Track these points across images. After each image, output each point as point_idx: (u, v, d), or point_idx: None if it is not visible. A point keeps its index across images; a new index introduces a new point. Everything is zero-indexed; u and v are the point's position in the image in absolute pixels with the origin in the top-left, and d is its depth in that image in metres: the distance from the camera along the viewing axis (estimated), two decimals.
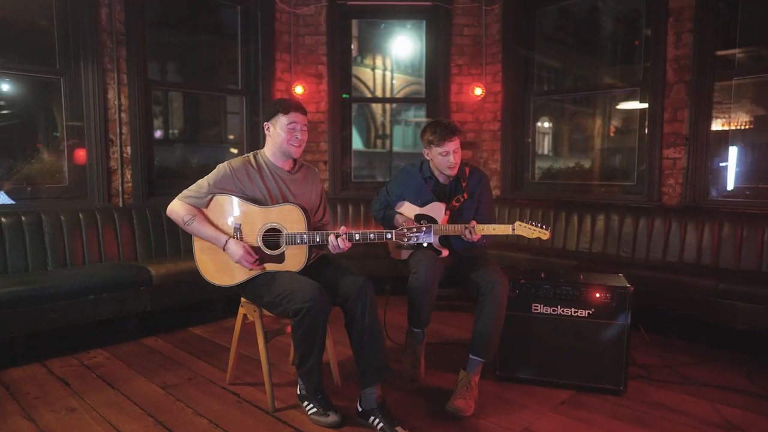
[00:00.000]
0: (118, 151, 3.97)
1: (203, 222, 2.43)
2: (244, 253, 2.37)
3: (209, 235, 2.42)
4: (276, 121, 2.45)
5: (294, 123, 2.44)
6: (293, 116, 2.44)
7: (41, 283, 3.07)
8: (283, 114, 2.43)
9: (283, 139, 2.44)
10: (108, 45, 3.87)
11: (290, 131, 2.44)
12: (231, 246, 2.39)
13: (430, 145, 2.81)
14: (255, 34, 4.84)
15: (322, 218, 2.72)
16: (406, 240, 2.34)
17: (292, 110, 2.44)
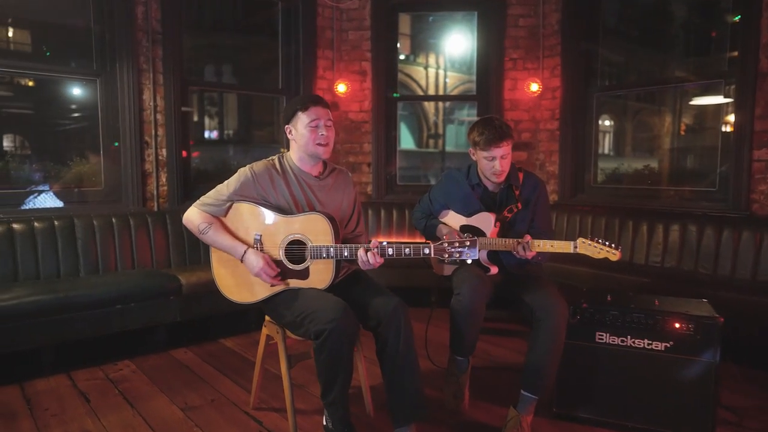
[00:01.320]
0: (153, 154, 3.85)
1: (220, 231, 2.20)
2: (264, 265, 2.12)
3: (226, 245, 2.18)
4: (296, 120, 2.19)
5: (316, 119, 2.16)
6: (314, 111, 2.16)
7: (66, 291, 2.95)
8: (302, 111, 2.17)
9: (308, 139, 2.17)
10: (144, 44, 3.76)
11: (313, 129, 2.17)
12: (250, 257, 2.14)
13: (476, 147, 2.47)
14: (296, 30, 4.63)
15: (354, 229, 2.43)
16: (447, 256, 2.02)
17: (311, 104, 2.16)
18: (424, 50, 10.11)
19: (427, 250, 2.03)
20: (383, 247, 2.07)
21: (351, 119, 4.88)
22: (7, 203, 3.40)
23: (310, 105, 2.16)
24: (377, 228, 4.71)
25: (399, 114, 10.70)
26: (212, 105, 6.12)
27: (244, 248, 2.16)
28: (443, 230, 2.62)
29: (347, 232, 2.40)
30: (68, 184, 3.75)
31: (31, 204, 3.51)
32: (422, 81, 10.36)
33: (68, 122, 3.99)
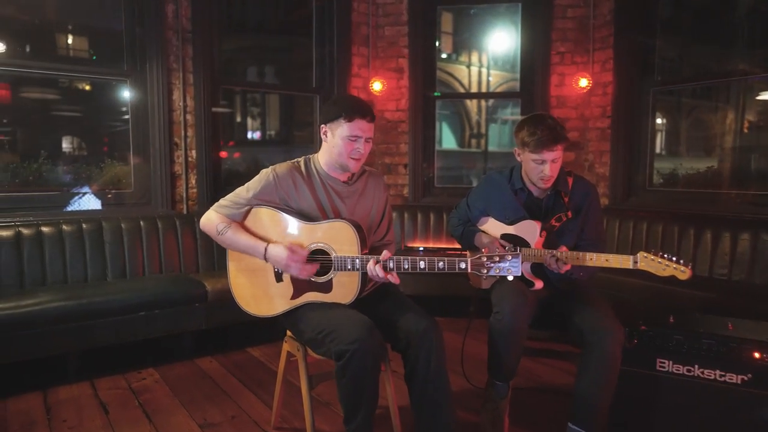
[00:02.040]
0: (182, 155, 3.76)
1: (239, 230, 2.03)
2: (290, 254, 1.92)
3: (246, 244, 2.01)
4: (336, 126, 1.99)
5: (357, 135, 1.96)
6: (358, 125, 1.96)
7: (89, 298, 2.87)
8: (346, 120, 1.96)
9: (342, 150, 1.98)
10: (174, 43, 3.67)
11: (351, 143, 1.97)
12: (272, 250, 1.96)
13: (524, 148, 2.21)
14: (330, 26, 4.46)
15: (384, 236, 2.23)
16: (486, 272, 1.78)
17: (358, 117, 1.95)
18: (467, 48, 9.82)
19: (463, 264, 1.81)
20: (389, 261, 1.85)
21: (387, 119, 4.68)
22: (37, 205, 3.35)
23: (357, 117, 1.95)
24: (414, 232, 4.49)
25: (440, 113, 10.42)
26: (255, 106, 6.08)
27: (265, 245, 1.98)
28: (482, 239, 2.38)
29: (375, 240, 2.20)
30: (99, 186, 3.71)
31: (63, 207, 3.46)
32: (465, 80, 10.07)
33: (100, 124, 3.95)
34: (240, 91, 6.00)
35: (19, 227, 3.13)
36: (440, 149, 9.96)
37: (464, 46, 9.75)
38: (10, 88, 3.58)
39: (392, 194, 4.71)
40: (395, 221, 4.47)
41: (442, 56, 9.32)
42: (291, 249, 1.93)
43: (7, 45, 3.25)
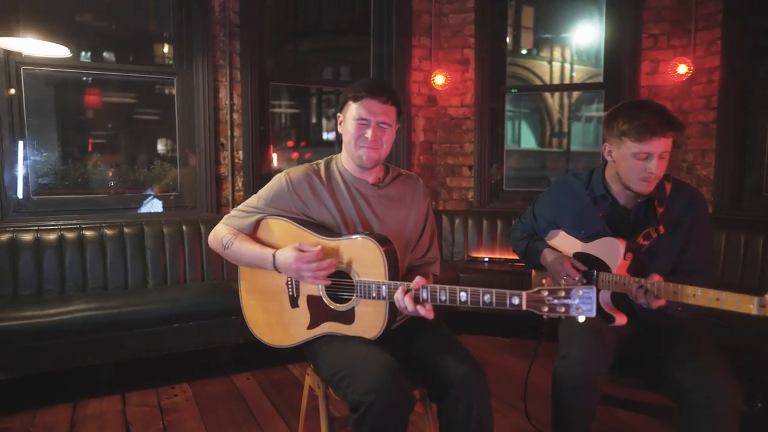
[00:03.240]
0: (228, 156, 3.56)
1: (245, 240, 1.72)
2: (297, 256, 1.57)
3: (252, 254, 1.69)
4: (346, 110, 1.68)
5: (365, 117, 1.62)
6: (366, 105, 1.62)
7: (119, 308, 2.72)
8: (353, 100, 1.64)
9: (351, 137, 1.65)
10: (220, 38, 3.48)
11: (359, 127, 1.63)
12: (280, 257, 1.62)
13: (622, 139, 1.72)
14: (389, 15, 4.11)
15: (425, 254, 1.84)
16: (546, 310, 1.35)
17: (367, 96, 1.62)
18: (548, 43, 9.17)
19: (516, 299, 1.39)
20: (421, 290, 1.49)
21: (450, 115, 4.26)
22: (82, 208, 3.28)
23: (366, 96, 1.62)
24: (478, 241, 4.04)
25: (519, 111, 9.79)
26: (329, 106, 5.93)
27: (273, 252, 1.65)
28: (549, 258, 1.93)
29: (415, 258, 1.82)
30: (146, 189, 3.60)
31: (110, 210, 3.37)
32: (546, 76, 9.41)
33: (150, 124, 3.86)
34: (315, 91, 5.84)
35: (63, 231, 3.06)
36: (519, 149, 9.36)
37: (545, 42, 9.10)
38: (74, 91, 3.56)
39: (455, 198, 4.29)
40: (458, 228, 4.05)
41: (522, 52, 8.73)
42: (299, 248, 1.60)
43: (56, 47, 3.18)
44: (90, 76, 3.46)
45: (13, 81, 3.05)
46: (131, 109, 3.82)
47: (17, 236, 2.95)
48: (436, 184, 4.33)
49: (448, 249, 4.10)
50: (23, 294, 2.92)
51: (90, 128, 3.69)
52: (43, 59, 3.13)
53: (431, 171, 4.32)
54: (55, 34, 3.18)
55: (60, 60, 3.19)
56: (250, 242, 1.71)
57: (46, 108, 3.38)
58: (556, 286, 1.35)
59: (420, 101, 4.21)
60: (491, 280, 3.61)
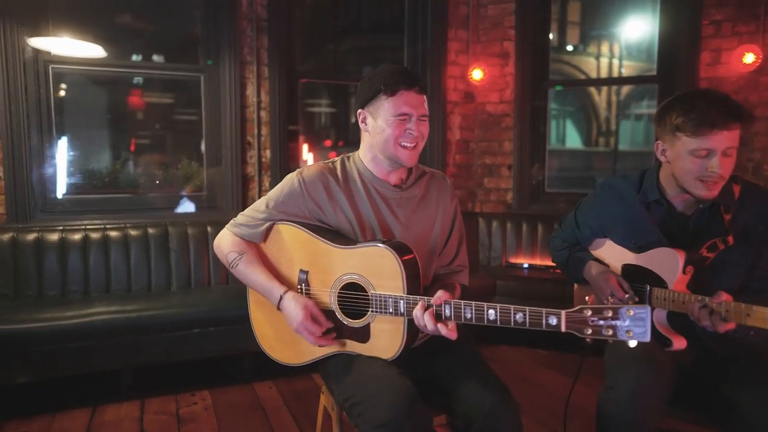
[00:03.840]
0: (255, 156, 3.46)
1: (253, 263, 1.57)
2: (303, 319, 1.45)
3: (259, 285, 1.56)
4: (377, 106, 1.47)
5: (406, 112, 1.44)
6: (405, 98, 1.44)
7: (139, 312, 2.63)
8: (387, 94, 1.44)
9: (389, 136, 1.45)
10: (248, 33, 3.37)
11: (400, 123, 1.44)
12: (287, 304, 1.49)
13: (676, 134, 1.48)
14: (423, 7, 3.92)
15: (452, 261, 1.65)
16: (591, 333, 1.14)
17: (403, 86, 1.43)
18: (595, 38, 8.74)
19: (554, 320, 1.18)
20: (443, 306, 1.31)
21: (488, 112, 4.02)
22: (108, 208, 3.23)
23: (402, 88, 1.43)
24: (517, 246, 3.80)
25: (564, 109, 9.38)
26: None
27: (281, 291, 1.51)
28: (594, 271, 1.70)
29: (441, 265, 1.63)
30: (173, 189, 3.54)
31: (136, 210, 3.32)
32: (593, 73, 8.98)
33: (179, 123, 3.80)
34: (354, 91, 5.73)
35: (87, 231, 3.01)
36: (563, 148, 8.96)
37: (592, 37, 8.68)
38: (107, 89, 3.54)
39: (493, 200, 4.06)
40: (495, 231, 3.82)
41: (567, 48, 8.36)
42: (310, 313, 1.47)
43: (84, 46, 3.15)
44: (117, 74, 3.41)
45: (41, 80, 3.03)
46: (160, 108, 3.77)
47: (43, 236, 2.92)
48: (472, 185, 4.11)
49: (484, 254, 3.87)
50: (48, 294, 2.89)
51: (117, 128, 3.66)
52: (70, 58, 3.11)
53: (468, 171, 4.10)
54: (83, 32, 3.16)
55: (87, 59, 3.15)
56: (257, 267, 1.56)
57: (74, 107, 3.35)
58: (602, 305, 1.14)
59: (456, 97, 4.00)
60: (530, 288, 3.36)
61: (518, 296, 3.38)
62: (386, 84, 1.44)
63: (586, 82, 7.54)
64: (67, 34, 3.08)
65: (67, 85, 3.26)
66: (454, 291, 1.53)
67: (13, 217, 2.96)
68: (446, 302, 1.30)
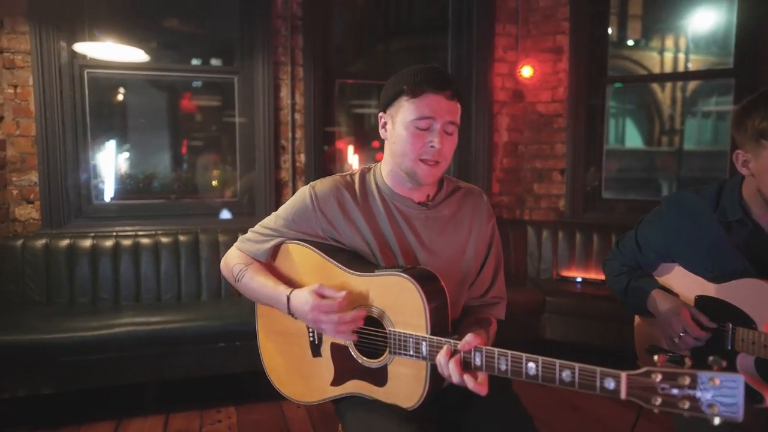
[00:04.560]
0: (289, 160, 3.32)
1: (259, 271, 1.39)
2: (314, 301, 1.22)
3: (266, 291, 1.35)
4: (397, 108, 1.26)
5: (430, 117, 1.22)
6: (429, 102, 1.22)
7: (163, 325, 2.54)
8: (409, 97, 1.23)
9: (407, 145, 1.24)
10: (282, 33, 3.23)
11: (419, 133, 1.23)
12: (296, 301, 1.27)
13: (761, 142, 1.22)
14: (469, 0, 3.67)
15: (485, 292, 1.42)
16: (660, 404, 0.89)
17: (429, 88, 1.22)
18: (659, 32, 8.17)
19: (611, 383, 0.93)
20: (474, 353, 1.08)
21: (539, 112, 3.73)
22: (141, 214, 3.18)
23: (427, 90, 1.21)
24: (570, 257, 3.49)
25: (624, 108, 8.82)
26: None
27: (288, 291, 1.30)
28: (661, 304, 1.43)
29: (473, 297, 1.40)
30: (207, 195, 3.46)
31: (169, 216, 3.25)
32: (656, 68, 8.42)
33: (213, 127, 3.72)
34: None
35: (119, 238, 2.96)
36: (622, 148, 8.41)
37: (656, 31, 8.11)
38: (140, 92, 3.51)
39: (543, 207, 3.76)
40: (545, 241, 3.53)
41: (628, 43, 7.85)
42: (318, 291, 1.24)
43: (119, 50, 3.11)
44: (152, 78, 3.36)
45: (76, 85, 3.00)
46: (196, 112, 3.70)
47: (76, 242, 2.88)
48: (521, 191, 3.82)
49: (533, 265, 3.58)
50: (79, 302, 2.85)
51: (152, 133, 3.61)
52: (105, 62, 3.07)
53: (516, 175, 3.81)
54: (118, 36, 3.11)
55: (122, 63, 3.11)
56: (264, 275, 1.38)
57: (109, 112, 3.32)
58: (676, 368, 0.88)
59: (504, 96, 3.72)
60: (584, 306, 3.06)
61: (570, 314, 3.09)
62: (409, 83, 1.23)
63: (652, 77, 6.96)
64: (101, 38, 3.05)
65: (102, 90, 3.22)
66: (489, 329, 1.30)
67: (48, 222, 2.94)
68: (476, 349, 1.07)
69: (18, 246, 2.79)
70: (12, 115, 2.87)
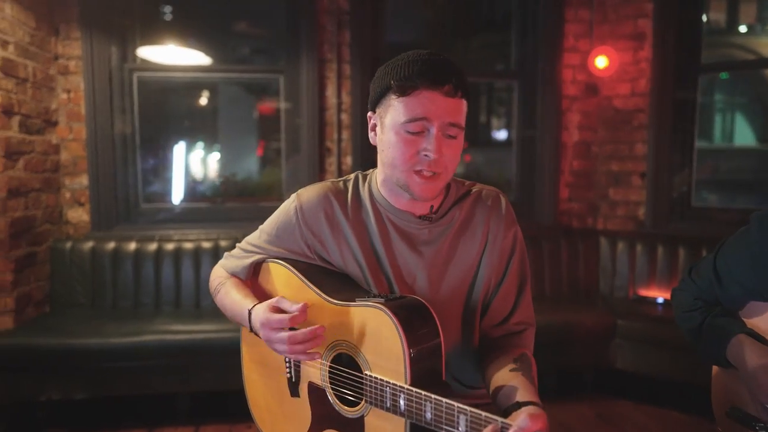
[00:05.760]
0: (335, 163, 3.15)
1: (234, 286, 1.22)
2: (265, 319, 1.03)
3: (232, 307, 1.19)
4: (385, 108, 1.03)
5: (421, 116, 0.98)
6: (421, 99, 0.98)
7: (188, 335, 2.45)
8: (397, 93, 1.00)
9: (396, 153, 1.01)
10: (328, 29, 3.07)
11: (409, 141, 1.00)
12: (254, 314, 1.09)
13: None
14: None
15: (506, 319, 1.14)
16: None
17: (423, 82, 0.98)
18: None
19: None
20: None
21: (615, 108, 3.28)
22: (188, 218, 3.15)
23: (419, 85, 0.98)
24: (650, 274, 3.03)
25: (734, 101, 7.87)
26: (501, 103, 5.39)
27: (251, 304, 1.12)
28: (750, 357, 1.08)
29: (489, 325, 1.13)
30: (252, 199, 3.38)
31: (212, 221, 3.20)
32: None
33: (263, 129, 3.64)
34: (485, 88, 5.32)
35: (162, 242, 2.93)
36: (730, 146, 7.48)
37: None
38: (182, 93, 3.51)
39: (619, 215, 3.31)
40: (621, 255, 3.11)
41: (740, 29, 6.96)
42: (275, 306, 1.05)
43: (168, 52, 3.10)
44: (196, 78, 3.33)
45: (126, 88, 3.01)
46: (243, 113, 3.65)
47: (121, 246, 2.89)
48: (594, 197, 3.39)
49: (605, 282, 3.15)
50: (121, 306, 2.85)
51: (200, 136, 3.59)
52: (153, 64, 3.07)
53: (588, 180, 3.39)
54: (166, 39, 3.11)
55: (169, 65, 3.10)
56: (238, 290, 1.20)
57: (157, 115, 3.33)
58: None
59: (574, 91, 3.32)
60: (665, 333, 2.60)
61: (647, 341, 2.66)
62: (397, 77, 0.99)
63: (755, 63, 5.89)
64: (149, 41, 3.05)
65: (151, 93, 3.23)
66: (531, 377, 0.99)
67: (97, 225, 2.97)
68: None
69: (67, 248, 2.83)
70: (66, 120, 2.93)
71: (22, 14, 2.57)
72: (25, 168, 2.60)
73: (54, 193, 2.90)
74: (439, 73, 0.98)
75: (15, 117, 2.51)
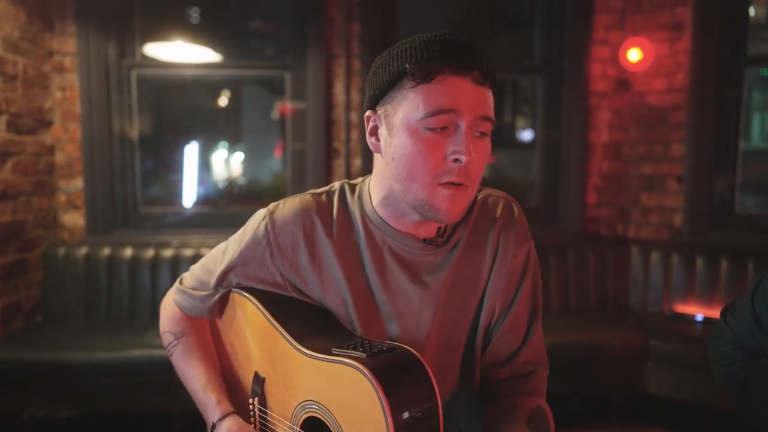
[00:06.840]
0: (342, 165, 2.95)
1: (191, 355, 1.02)
2: None
3: (194, 390, 1.00)
4: (396, 103, 0.80)
5: (450, 110, 0.76)
6: (447, 87, 0.76)
7: None
8: (415, 81, 0.77)
9: (414, 161, 0.79)
10: (337, 22, 2.87)
11: (432, 142, 0.78)
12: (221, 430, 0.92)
13: None
14: None
15: (513, 356, 0.91)
16: None
17: (449, 66, 0.76)
18: None
19: None
20: None
21: (650, 105, 3.01)
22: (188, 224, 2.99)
23: (444, 70, 0.76)
24: (688, 288, 2.76)
25: None
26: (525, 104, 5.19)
27: (218, 415, 0.94)
28: None
29: (493, 364, 0.92)
30: (253, 203, 3.20)
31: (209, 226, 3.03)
32: None
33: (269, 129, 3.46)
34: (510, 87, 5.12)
35: (159, 248, 2.77)
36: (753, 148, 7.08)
37: None
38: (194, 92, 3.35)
39: (653, 223, 3.03)
40: (655, 266, 2.85)
41: None
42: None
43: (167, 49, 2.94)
44: (198, 75, 3.16)
45: (124, 86, 2.86)
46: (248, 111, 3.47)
47: (116, 252, 2.74)
48: (625, 202, 3.12)
49: (637, 296, 2.89)
50: (116, 316, 2.70)
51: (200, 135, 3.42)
52: (152, 60, 2.92)
53: (618, 183, 3.12)
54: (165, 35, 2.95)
55: (169, 63, 2.95)
56: (195, 361, 1.02)
57: (156, 115, 3.17)
58: None
59: (604, 87, 3.05)
60: (704, 356, 2.33)
61: (684, 364, 2.40)
62: (415, 60, 0.77)
63: None
64: (148, 37, 2.89)
65: (150, 90, 3.08)
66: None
67: (92, 230, 2.83)
68: None
69: (60, 255, 2.69)
70: (61, 120, 2.79)
71: (11, 7, 2.42)
72: (13, 170, 2.46)
73: (48, 196, 2.76)
74: (467, 56, 0.76)
75: (2, 116, 2.37)
